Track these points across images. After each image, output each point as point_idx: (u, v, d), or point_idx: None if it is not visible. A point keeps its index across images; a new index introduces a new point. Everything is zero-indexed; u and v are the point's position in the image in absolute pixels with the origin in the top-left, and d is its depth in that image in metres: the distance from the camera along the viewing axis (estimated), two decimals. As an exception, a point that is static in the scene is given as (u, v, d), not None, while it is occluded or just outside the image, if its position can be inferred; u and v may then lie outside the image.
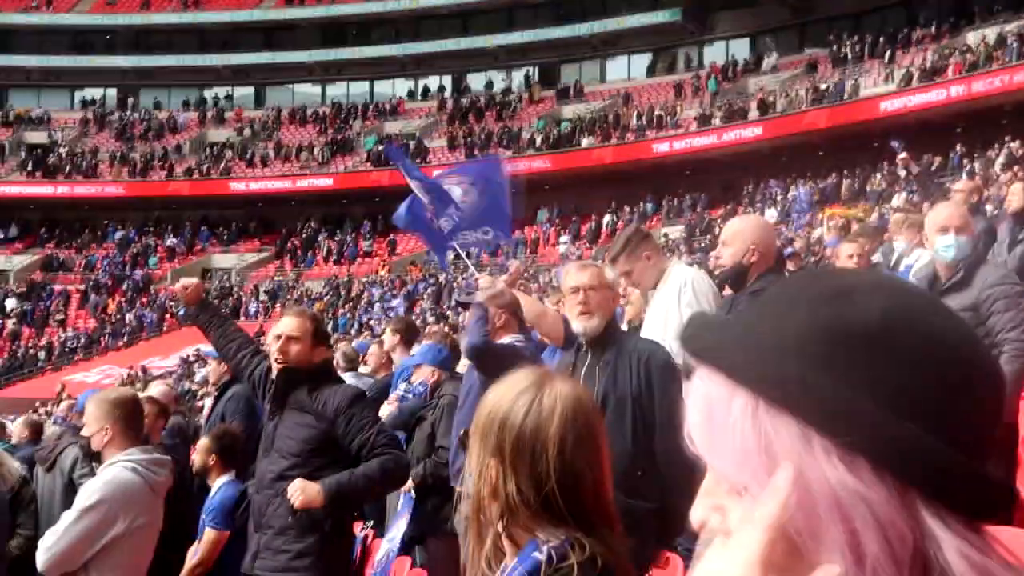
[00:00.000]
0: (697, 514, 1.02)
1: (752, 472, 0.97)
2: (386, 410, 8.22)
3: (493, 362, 5.50)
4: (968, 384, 0.96)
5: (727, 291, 6.12)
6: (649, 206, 47.15)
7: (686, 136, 47.21)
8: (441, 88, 59.11)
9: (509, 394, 2.33)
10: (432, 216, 9.35)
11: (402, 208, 9.72)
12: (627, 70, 55.71)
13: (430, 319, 34.52)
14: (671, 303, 6.09)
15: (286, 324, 5.61)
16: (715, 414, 1.00)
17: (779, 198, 41.03)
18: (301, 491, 5.21)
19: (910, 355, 0.95)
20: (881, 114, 41.03)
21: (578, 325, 5.11)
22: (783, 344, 0.97)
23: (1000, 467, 5.68)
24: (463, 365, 7.65)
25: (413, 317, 36.25)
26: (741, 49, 52.46)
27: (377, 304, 43.20)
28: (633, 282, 6.51)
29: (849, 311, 0.97)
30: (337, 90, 61.37)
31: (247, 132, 58.58)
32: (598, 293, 5.09)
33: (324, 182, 54.21)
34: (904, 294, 1.00)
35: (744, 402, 0.97)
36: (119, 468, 5.32)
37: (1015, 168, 29.92)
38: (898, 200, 28.32)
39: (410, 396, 8.34)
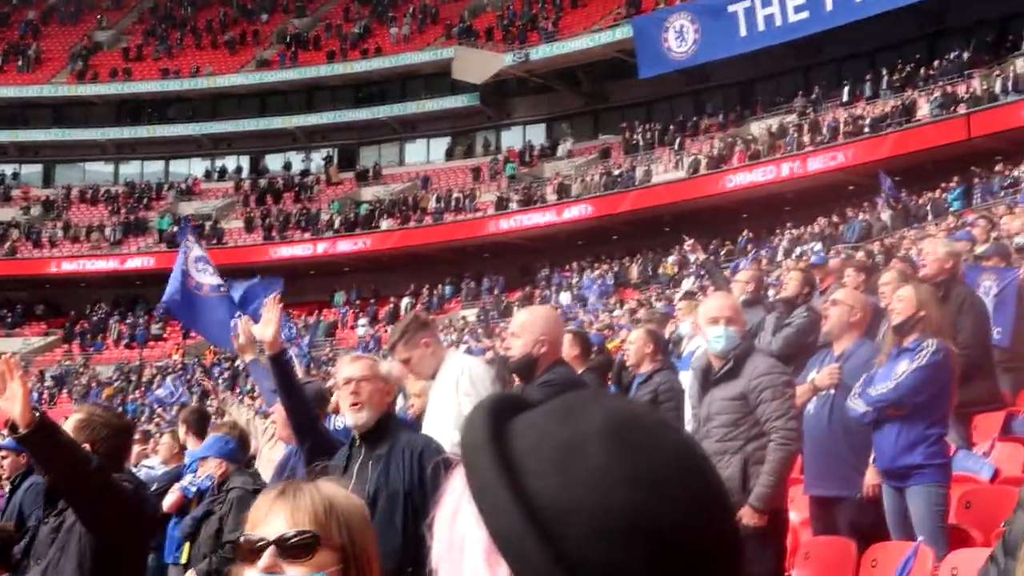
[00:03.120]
0: None
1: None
2: (170, 498, 8.01)
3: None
4: (629, 532, 0.97)
5: (517, 382, 6.12)
6: (447, 289, 47.36)
7: (484, 219, 47.73)
8: (239, 168, 58.46)
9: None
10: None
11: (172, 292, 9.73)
12: (426, 153, 56.14)
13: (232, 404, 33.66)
14: (449, 393, 6.06)
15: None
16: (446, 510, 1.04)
17: (575, 282, 41.75)
18: None
19: (586, 481, 0.97)
20: (671, 200, 42.29)
21: (350, 418, 5.02)
22: (510, 442, 1.02)
23: (770, 554, 5.80)
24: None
25: (210, 402, 35.46)
26: (537, 134, 53.51)
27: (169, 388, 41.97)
28: (412, 370, 6.46)
29: (563, 423, 1.01)
30: (131, 169, 60.03)
31: (34, 211, 56.69)
32: (370, 385, 5.01)
33: (115, 263, 52.78)
34: (627, 423, 1.02)
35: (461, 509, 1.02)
36: None
37: (796, 254, 31.15)
38: (688, 285, 29.05)
39: (193, 489, 8.11)
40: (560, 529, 0.96)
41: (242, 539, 2.07)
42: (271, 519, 2.03)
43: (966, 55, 38.70)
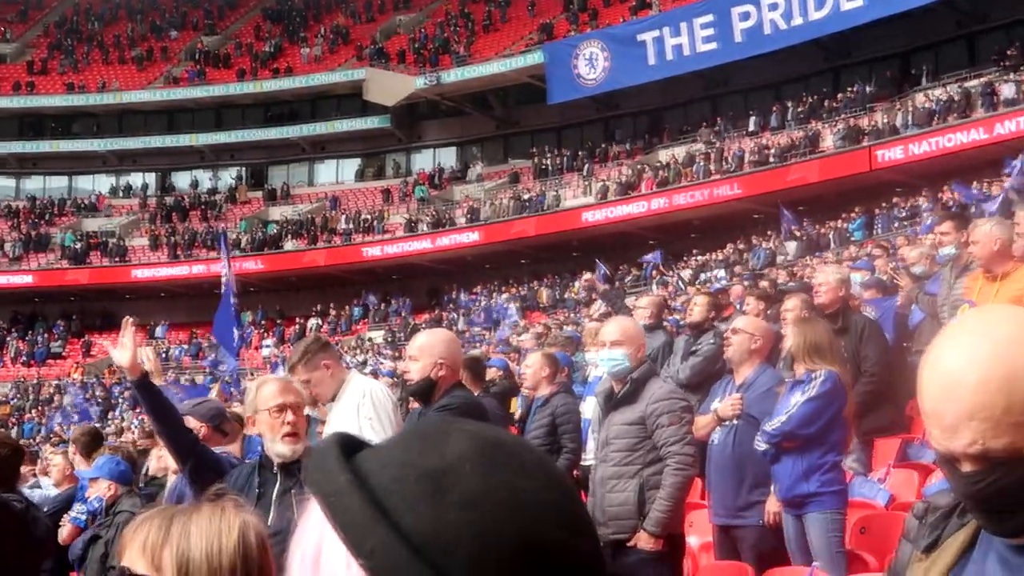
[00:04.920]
0: None
1: None
2: (63, 531, 7.80)
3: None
4: (509, 549, 0.97)
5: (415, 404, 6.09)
6: (356, 310, 47.14)
7: (393, 241, 47.61)
8: (145, 185, 57.68)
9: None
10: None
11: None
12: (336, 174, 55.90)
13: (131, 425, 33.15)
14: (350, 416, 5.99)
15: None
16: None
17: (483, 304, 41.78)
18: None
19: (458, 504, 0.97)
20: (581, 225, 42.58)
21: (284, 448, 4.71)
22: (362, 467, 1.01)
23: (667, 578, 5.83)
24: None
25: (109, 422, 34.89)
26: (448, 157, 53.59)
27: (68, 409, 41.22)
28: (312, 392, 6.37)
29: (425, 448, 1.01)
30: (34, 184, 58.90)
31: (-69, 226, 55.45)
32: (301, 413, 4.81)
33: (16, 279, 51.69)
34: (493, 448, 1.02)
35: (325, 552, 1.00)
36: None
37: (701, 280, 31.50)
38: (596, 309, 29.15)
39: (83, 517, 7.90)
40: (447, 559, 0.95)
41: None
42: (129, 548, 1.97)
43: (869, 88, 39.53)
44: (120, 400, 41.17)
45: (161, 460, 8.83)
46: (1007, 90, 34.35)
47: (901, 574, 1.84)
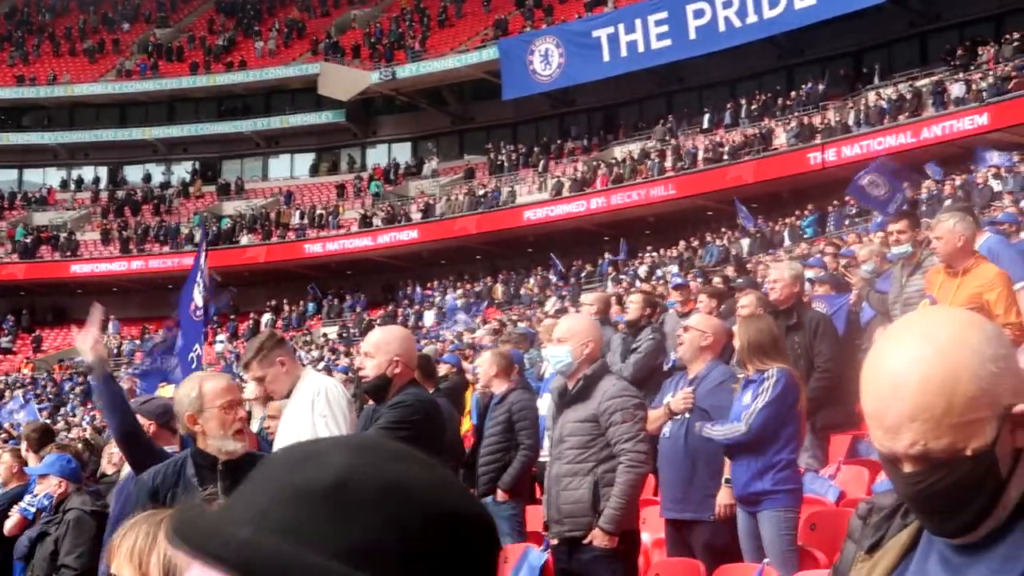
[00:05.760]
0: None
1: None
2: (10, 521, 7.75)
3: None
4: (427, 528, 0.99)
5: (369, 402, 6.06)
6: (310, 306, 46.93)
7: (347, 237, 47.45)
8: (96, 179, 57.11)
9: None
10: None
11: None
12: (290, 168, 55.63)
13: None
14: (304, 413, 5.98)
15: None
16: None
17: (437, 300, 41.72)
18: None
19: (367, 505, 0.98)
20: (535, 221, 42.62)
21: (236, 445, 4.71)
22: (245, 516, 0.99)
23: (620, 575, 5.86)
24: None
25: (60, 417, 34.54)
26: (403, 153, 53.45)
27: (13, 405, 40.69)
28: (267, 389, 6.35)
29: (311, 472, 1.00)
30: (-18, 177, 58.26)
31: None
32: (243, 409, 4.85)
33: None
34: (367, 450, 1.04)
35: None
36: None
37: (656, 277, 31.57)
38: (550, 305, 29.22)
39: (32, 509, 7.86)
40: (382, 560, 0.97)
41: None
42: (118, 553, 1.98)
43: (822, 87, 39.83)
44: (71, 396, 40.78)
45: (112, 457, 8.80)
46: (957, 89, 34.71)
47: (845, 574, 1.87)
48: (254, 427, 7.53)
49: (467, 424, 10.97)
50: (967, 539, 1.67)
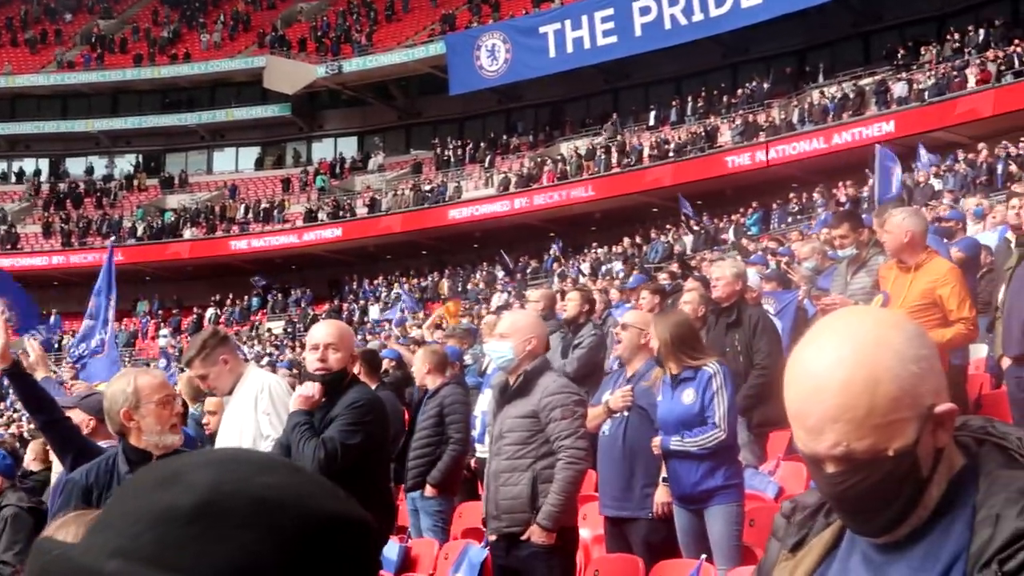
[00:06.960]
0: None
1: None
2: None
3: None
4: (303, 537, 0.98)
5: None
6: (254, 300, 46.63)
7: (293, 231, 47.20)
8: (37, 171, 56.38)
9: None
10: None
11: None
12: (235, 162, 55.18)
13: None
14: (247, 410, 5.95)
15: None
16: None
17: (382, 295, 41.62)
18: None
19: (238, 521, 0.96)
20: (481, 216, 42.61)
21: (175, 438, 4.63)
22: (110, 546, 0.96)
23: (557, 572, 5.88)
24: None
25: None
26: (349, 147, 53.21)
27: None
28: (209, 386, 6.32)
29: (174, 493, 0.97)
30: (-80, 169, 57.38)
31: None
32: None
33: (-100, 266, 50.23)
34: (233, 464, 1.01)
35: None
36: None
37: (602, 273, 31.68)
38: (497, 300, 29.26)
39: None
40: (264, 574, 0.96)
41: None
42: None
43: (766, 85, 40.11)
44: (8, 392, 40.23)
45: (37, 454, 8.70)
46: (899, 88, 35.07)
47: (769, 573, 1.88)
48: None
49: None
50: (889, 538, 1.69)
